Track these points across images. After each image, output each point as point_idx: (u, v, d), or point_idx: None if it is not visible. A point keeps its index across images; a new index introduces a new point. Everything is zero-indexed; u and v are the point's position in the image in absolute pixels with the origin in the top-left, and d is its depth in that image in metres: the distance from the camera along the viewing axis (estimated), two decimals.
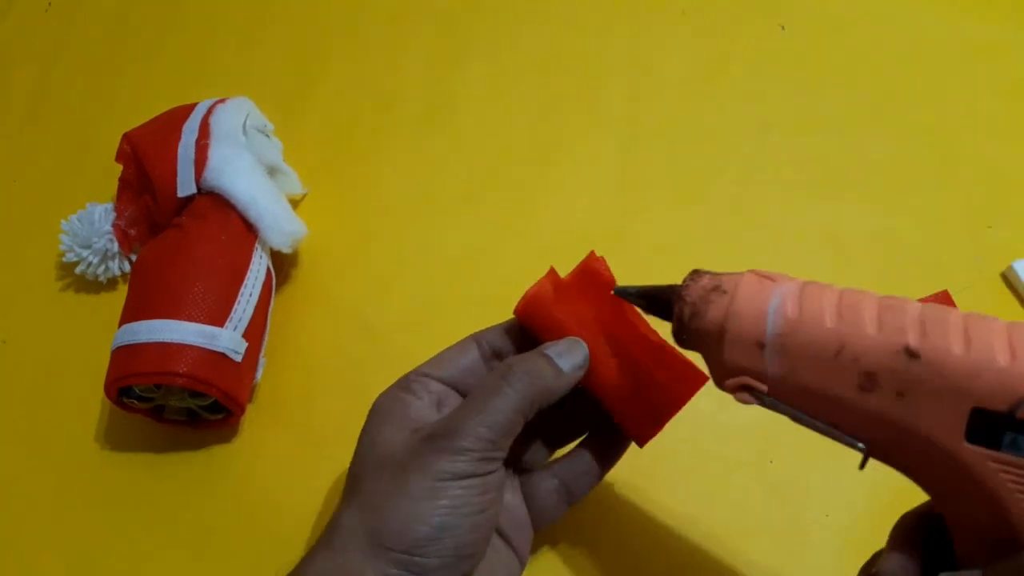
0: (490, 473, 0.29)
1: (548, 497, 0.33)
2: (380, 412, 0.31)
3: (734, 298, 0.27)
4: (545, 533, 0.36)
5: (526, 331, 0.33)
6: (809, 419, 0.26)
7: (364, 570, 0.27)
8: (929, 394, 0.23)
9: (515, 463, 0.34)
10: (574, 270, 0.33)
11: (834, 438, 0.26)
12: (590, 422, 0.35)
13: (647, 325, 0.32)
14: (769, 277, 0.27)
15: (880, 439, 0.25)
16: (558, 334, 0.32)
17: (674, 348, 0.31)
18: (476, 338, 0.33)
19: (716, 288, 0.28)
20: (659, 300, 0.29)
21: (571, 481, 0.34)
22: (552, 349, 0.31)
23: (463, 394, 0.32)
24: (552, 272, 0.33)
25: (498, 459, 0.29)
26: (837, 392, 0.24)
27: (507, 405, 0.29)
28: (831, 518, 0.38)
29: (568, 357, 0.31)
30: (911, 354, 0.23)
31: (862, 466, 0.26)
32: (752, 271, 0.28)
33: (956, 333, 0.23)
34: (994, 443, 0.22)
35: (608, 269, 0.32)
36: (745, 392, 0.27)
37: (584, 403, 0.33)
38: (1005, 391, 0.21)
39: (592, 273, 0.32)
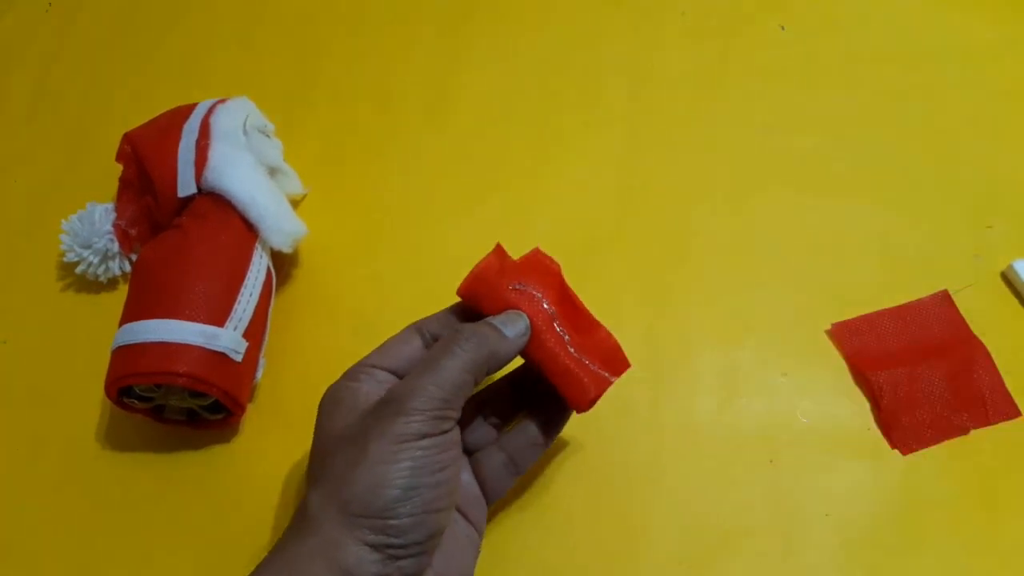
0: (445, 432, 0.30)
1: (497, 472, 0.35)
2: (330, 401, 0.32)
3: None
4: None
5: (468, 315, 0.35)
6: None
7: (342, 542, 0.28)
8: None
9: (464, 445, 0.35)
10: (522, 257, 0.36)
11: None
12: (531, 400, 0.36)
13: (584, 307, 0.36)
14: None
15: None
16: (501, 308, 0.34)
17: (609, 331, 0.35)
18: (418, 327, 0.35)
19: None
20: None
21: (517, 454, 0.35)
22: (496, 319, 0.33)
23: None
24: (499, 248, 0.35)
25: (452, 419, 0.31)
26: None
27: (456, 364, 0.31)
28: (831, 518, 0.38)
29: (511, 326, 0.33)
30: None
31: None
32: None
33: None
34: None
35: (554, 261, 0.36)
36: None
37: (523, 384, 0.37)
38: None
39: (538, 259, 0.36)
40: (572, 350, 0.34)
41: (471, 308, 0.35)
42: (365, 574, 0.28)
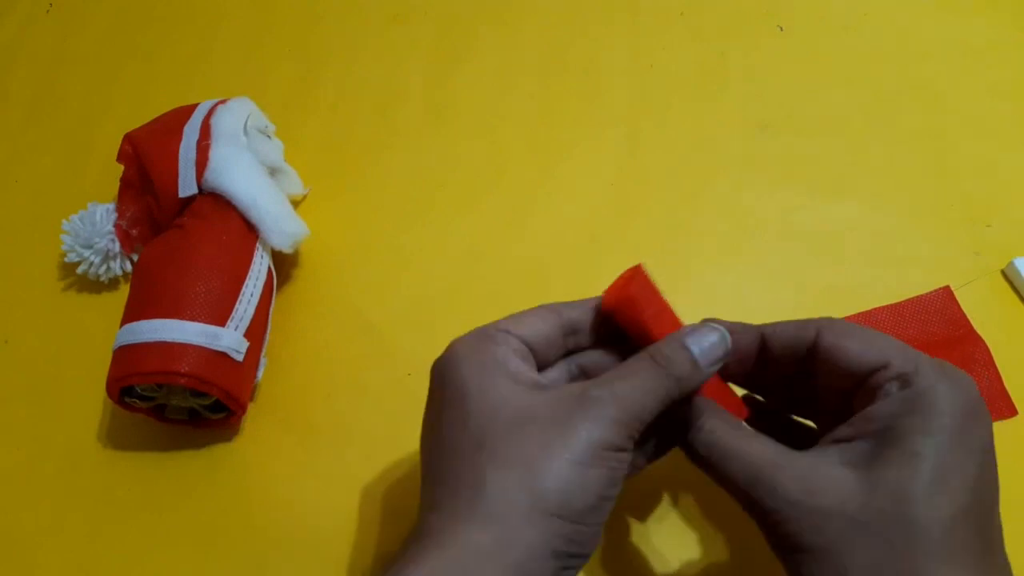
0: (628, 451, 0.27)
1: None
2: (475, 362, 0.28)
3: None
4: None
5: (607, 318, 0.31)
6: None
7: (529, 542, 0.25)
8: None
9: None
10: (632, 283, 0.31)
11: None
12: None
13: None
14: None
15: None
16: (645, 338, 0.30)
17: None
18: (554, 308, 0.31)
19: None
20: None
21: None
22: (692, 339, 0.29)
23: (538, 359, 0.30)
24: (641, 272, 0.31)
25: (636, 439, 0.27)
26: None
27: (658, 391, 0.27)
28: None
29: (711, 350, 0.29)
30: None
31: None
32: None
33: None
34: None
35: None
36: None
37: None
38: None
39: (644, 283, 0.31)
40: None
41: (622, 318, 0.31)
42: None
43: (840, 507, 0.25)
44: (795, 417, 0.34)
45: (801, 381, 0.30)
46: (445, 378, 0.28)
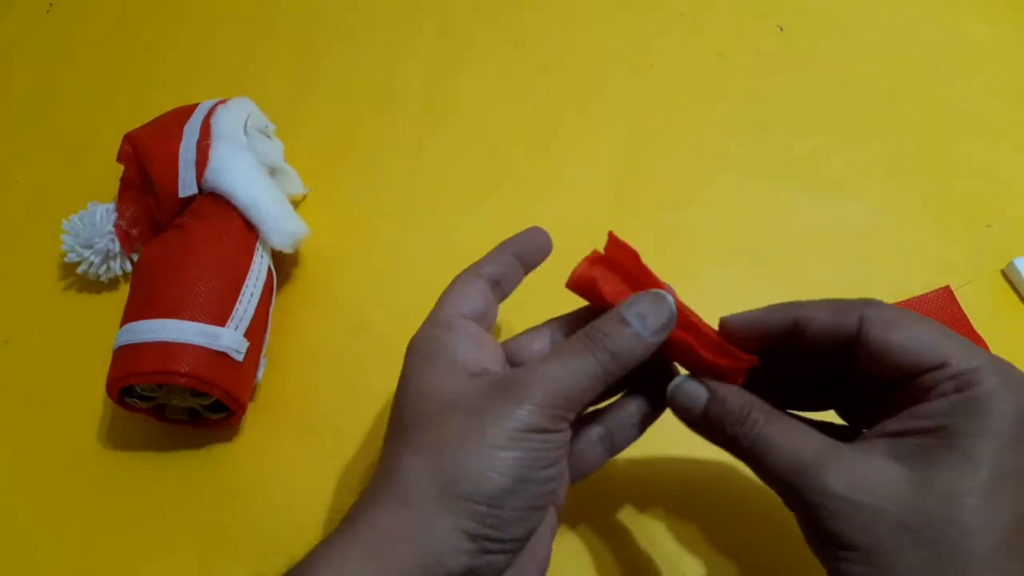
0: (560, 431, 0.28)
1: (593, 446, 0.32)
2: (423, 353, 0.29)
3: None
4: None
5: (524, 251, 0.34)
6: None
7: (438, 524, 0.25)
8: None
9: None
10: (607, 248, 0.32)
11: None
12: (639, 375, 0.31)
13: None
14: None
15: None
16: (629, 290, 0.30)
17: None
18: (475, 271, 0.33)
19: None
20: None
21: (616, 431, 0.32)
22: (632, 310, 0.29)
23: (487, 326, 0.32)
24: (594, 253, 0.32)
25: (569, 420, 0.28)
26: None
27: (588, 370, 0.28)
28: None
29: (652, 318, 0.29)
30: None
31: None
32: None
33: None
34: None
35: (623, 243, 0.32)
36: None
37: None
38: None
39: (619, 247, 0.32)
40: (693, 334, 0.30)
41: (585, 294, 0.31)
42: (454, 565, 0.25)
43: (889, 506, 0.24)
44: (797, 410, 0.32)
45: (832, 366, 0.28)
46: (407, 353, 0.30)
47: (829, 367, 0.28)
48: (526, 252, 0.34)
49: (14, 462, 0.41)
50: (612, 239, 0.32)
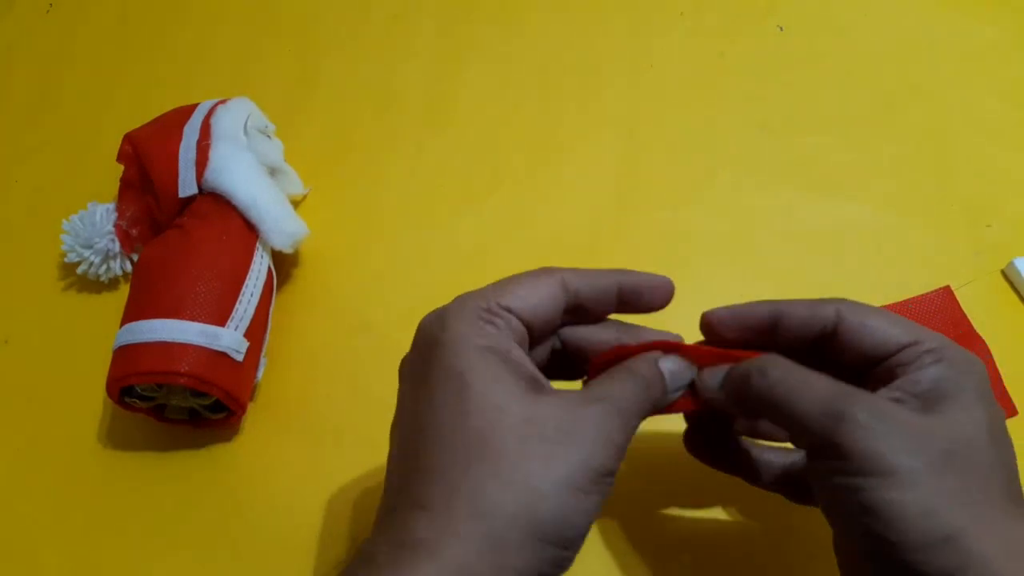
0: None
1: None
2: (475, 348, 0.26)
3: None
4: None
5: (624, 295, 0.31)
6: None
7: (521, 567, 0.23)
8: None
9: None
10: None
11: None
12: None
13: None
14: None
15: None
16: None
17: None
18: (561, 280, 0.30)
19: None
20: None
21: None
22: (668, 365, 0.29)
23: (533, 337, 0.29)
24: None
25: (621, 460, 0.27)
26: None
27: (644, 406, 0.27)
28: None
29: (678, 379, 0.29)
30: None
31: None
32: None
33: None
34: None
35: None
36: None
37: None
38: None
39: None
40: None
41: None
42: None
43: (917, 436, 0.24)
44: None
45: (807, 360, 0.29)
46: (440, 358, 0.26)
47: (804, 361, 0.29)
48: (635, 289, 0.31)
49: (14, 462, 0.41)
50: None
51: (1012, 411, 0.40)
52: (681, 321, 0.43)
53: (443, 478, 0.24)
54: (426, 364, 0.26)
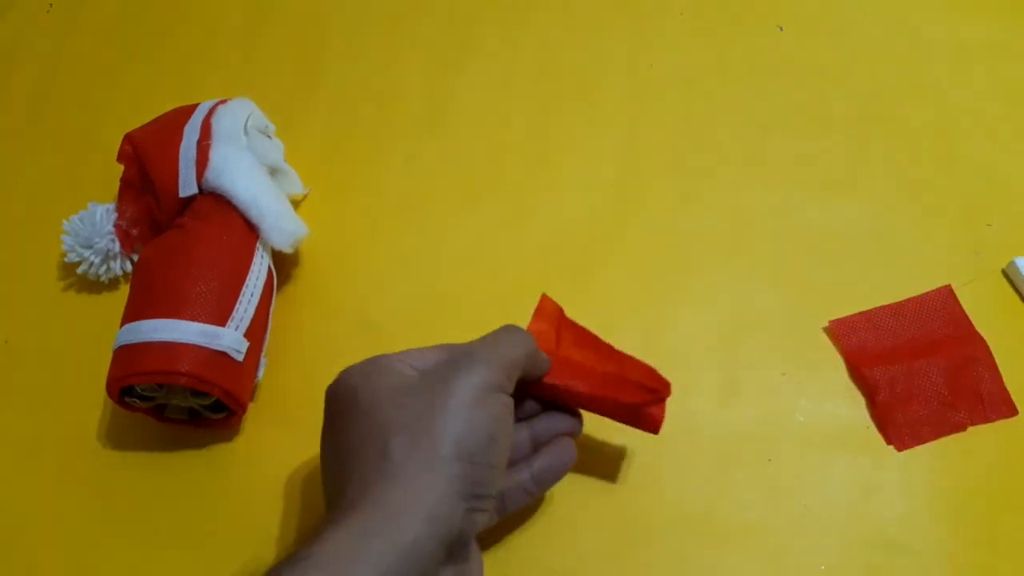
0: (510, 394, 0.31)
1: (519, 489, 0.34)
2: (359, 372, 0.31)
3: None
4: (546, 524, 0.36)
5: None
6: None
7: (434, 490, 0.27)
8: None
9: None
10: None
11: None
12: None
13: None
14: None
15: None
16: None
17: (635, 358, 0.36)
18: (448, 351, 0.34)
19: None
20: None
21: (540, 474, 0.35)
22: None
23: None
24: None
25: (512, 387, 0.32)
26: None
27: (517, 345, 0.32)
28: (829, 516, 0.38)
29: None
30: None
31: None
32: None
33: None
34: None
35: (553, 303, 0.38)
36: None
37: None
38: None
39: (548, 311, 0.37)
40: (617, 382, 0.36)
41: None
42: (453, 526, 0.27)
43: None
44: None
45: None
46: (337, 395, 0.32)
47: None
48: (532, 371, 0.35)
49: (14, 462, 0.41)
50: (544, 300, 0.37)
51: (1013, 411, 0.40)
52: (681, 320, 0.44)
53: (356, 457, 0.29)
54: (331, 406, 0.32)
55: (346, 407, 0.31)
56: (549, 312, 0.37)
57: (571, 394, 0.35)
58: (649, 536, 0.38)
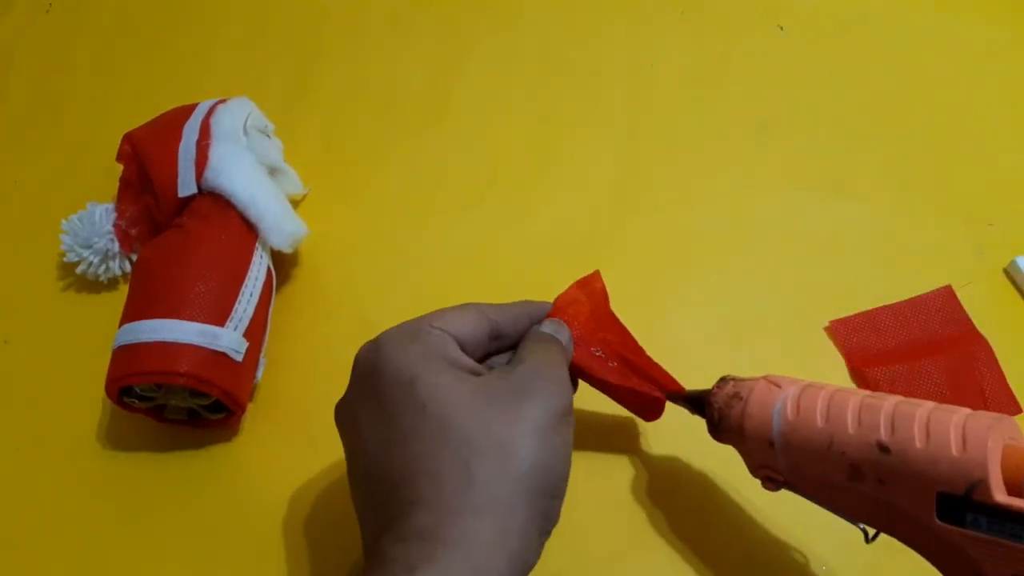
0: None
1: None
2: (411, 350, 0.28)
3: (747, 403, 0.31)
4: None
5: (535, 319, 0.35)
6: (820, 502, 0.31)
7: (520, 524, 0.25)
8: (902, 481, 0.27)
9: None
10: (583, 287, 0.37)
11: (843, 518, 0.31)
12: None
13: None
14: (776, 383, 0.31)
15: (876, 518, 0.29)
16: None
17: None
18: (483, 312, 0.32)
19: (735, 395, 0.32)
20: (699, 404, 0.34)
21: None
22: (559, 331, 0.33)
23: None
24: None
25: None
26: (833, 480, 0.29)
27: (567, 359, 0.32)
28: (829, 516, 0.38)
29: (564, 332, 0.34)
30: (883, 448, 0.27)
31: (869, 540, 0.30)
32: (765, 377, 0.32)
33: (920, 427, 0.26)
34: (960, 520, 0.25)
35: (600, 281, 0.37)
36: (769, 481, 0.32)
37: None
38: (959, 477, 0.25)
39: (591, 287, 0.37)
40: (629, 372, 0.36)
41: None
42: (528, 565, 0.25)
43: None
44: None
45: None
46: (380, 366, 0.28)
47: None
48: (540, 316, 0.34)
49: (14, 462, 0.41)
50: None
51: (1017, 409, 0.40)
52: (682, 321, 0.44)
53: (424, 468, 0.26)
54: (372, 389, 0.28)
55: (401, 397, 0.27)
56: (594, 290, 0.36)
57: (579, 369, 0.35)
58: (651, 538, 0.37)
